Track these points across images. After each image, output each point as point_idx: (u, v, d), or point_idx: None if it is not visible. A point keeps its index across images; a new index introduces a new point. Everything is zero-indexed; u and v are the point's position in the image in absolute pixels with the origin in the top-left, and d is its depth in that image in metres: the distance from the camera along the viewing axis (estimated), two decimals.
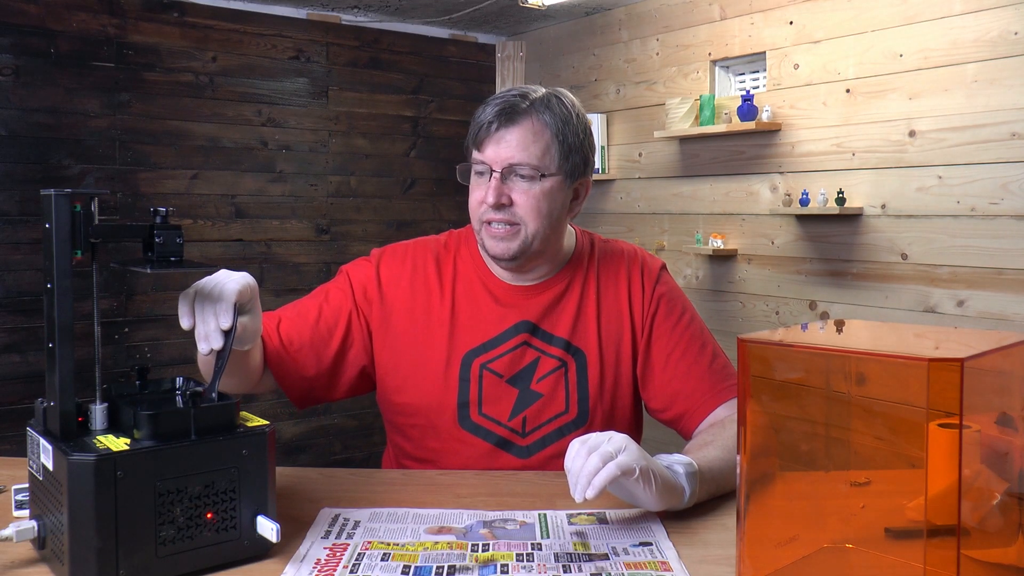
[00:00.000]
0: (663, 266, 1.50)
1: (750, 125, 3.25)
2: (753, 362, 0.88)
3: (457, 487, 1.27)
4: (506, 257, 1.35)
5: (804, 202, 3.12)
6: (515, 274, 1.42)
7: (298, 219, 4.03)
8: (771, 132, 3.29)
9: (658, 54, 3.81)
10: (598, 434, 1.09)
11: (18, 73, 3.34)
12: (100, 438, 0.93)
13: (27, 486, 1.06)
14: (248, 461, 0.97)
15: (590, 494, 1.02)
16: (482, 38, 4.57)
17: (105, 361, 3.33)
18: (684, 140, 3.65)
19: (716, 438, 1.26)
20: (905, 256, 2.90)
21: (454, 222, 4.18)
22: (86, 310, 3.00)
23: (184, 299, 1.06)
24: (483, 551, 1.01)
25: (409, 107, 4.34)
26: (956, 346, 0.92)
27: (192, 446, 0.94)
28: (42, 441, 0.94)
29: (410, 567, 0.97)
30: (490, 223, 1.34)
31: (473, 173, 1.37)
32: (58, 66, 3.42)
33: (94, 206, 0.93)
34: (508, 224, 1.34)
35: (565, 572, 0.96)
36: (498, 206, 1.32)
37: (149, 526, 0.90)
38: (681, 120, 3.51)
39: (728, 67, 3.60)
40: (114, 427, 0.98)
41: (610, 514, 1.15)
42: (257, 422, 1.02)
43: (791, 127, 3.24)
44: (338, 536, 1.06)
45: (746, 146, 3.41)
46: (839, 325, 1.12)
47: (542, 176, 1.33)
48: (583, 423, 1.39)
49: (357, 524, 1.10)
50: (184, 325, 1.05)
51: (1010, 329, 2.64)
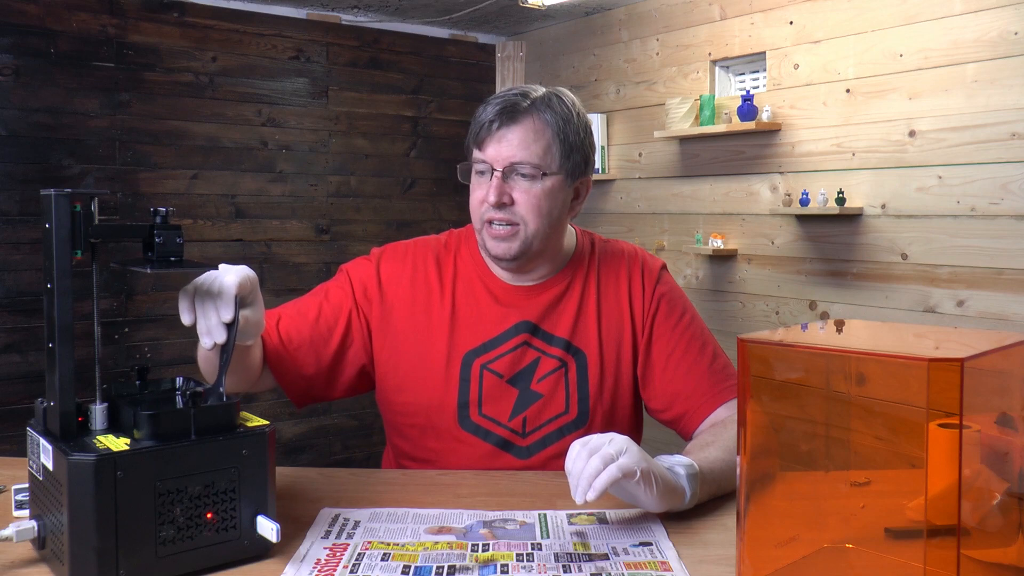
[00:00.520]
0: (663, 266, 1.50)
1: (750, 125, 3.25)
2: (753, 362, 0.88)
3: (457, 487, 1.27)
4: (507, 257, 1.35)
5: (804, 202, 3.12)
6: (515, 274, 1.42)
7: (298, 219, 4.03)
8: (771, 132, 3.29)
9: (658, 54, 3.80)
10: (599, 436, 1.09)
11: (18, 73, 3.34)
12: (100, 438, 0.93)
13: (27, 486, 1.06)
14: (248, 461, 0.97)
15: (591, 496, 1.02)
16: (482, 38, 4.57)
17: (105, 361, 3.33)
18: (684, 140, 3.65)
19: (717, 439, 1.26)
20: (905, 256, 2.90)
21: (454, 222, 4.18)
22: (86, 310, 2.99)
23: (184, 295, 1.05)
24: (483, 551, 1.01)
25: (409, 107, 4.34)
26: (956, 346, 0.92)
27: (192, 446, 0.94)
28: (42, 441, 0.94)
29: (410, 567, 0.97)
30: (491, 223, 1.34)
31: (474, 172, 1.37)
32: (58, 66, 3.42)
33: (94, 206, 0.93)
34: (508, 224, 1.33)
35: (565, 572, 0.96)
36: (499, 205, 1.32)
37: (149, 526, 0.90)
38: (681, 120, 3.51)
39: (728, 67, 3.60)
40: (114, 427, 0.98)
41: (610, 514, 1.15)
42: (257, 422, 1.02)
43: (791, 127, 3.24)
44: (338, 536, 1.06)
45: (746, 146, 3.41)
46: (839, 325, 1.12)
47: (543, 175, 1.33)
48: (583, 423, 1.39)
49: (357, 524, 1.10)
50: (185, 321, 1.05)
51: (1010, 329, 2.63)
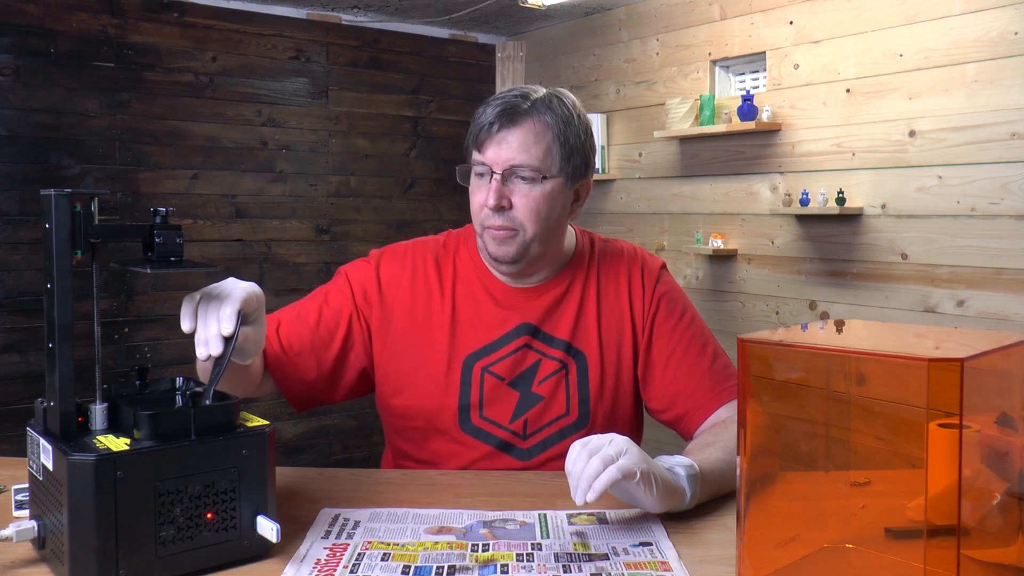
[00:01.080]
0: (663, 266, 1.49)
1: (750, 125, 3.25)
2: (753, 362, 0.88)
3: (457, 487, 1.27)
4: (505, 260, 1.35)
5: (804, 202, 3.12)
6: (515, 277, 1.42)
7: (298, 219, 4.03)
8: (771, 132, 3.29)
9: (658, 54, 3.80)
10: (599, 436, 1.09)
11: (18, 73, 3.34)
12: (100, 438, 0.93)
13: (27, 486, 1.06)
14: (248, 461, 0.97)
15: (591, 497, 1.02)
16: (482, 38, 4.57)
17: (105, 361, 3.33)
18: (684, 140, 3.65)
19: (717, 439, 1.26)
20: (905, 256, 2.90)
21: (454, 222, 4.17)
22: (86, 310, 2.99)
23: (188, 302, 1.02)
24: (483, 551, 1.01)
25: (409, 107, 4.34)
26: (956, 346, 0.92)
27: (192, 446, 0.94)
28: (42, 441, 0.94)
29: (410, 567, 0.97)
30: (491, 227, 1.34)
31: (473, 174, 1.36)
32: (58, 66, 3.42)
33: (94, 206, 0.93)
34: (507, 229, 1.33)
35: (565, 572, 0.96)
36: (498, 208, 1.31)
37: (149, 526, 0.90)
38: (681, 120, 3.51)
39: (728, 67, 3.60)
40: (114, 427, 0.98)
41: (610, 514, 1.15)
42: (257, 422, 1.01)
43: (791, 127, 3.24)
44: (338, 536, 1.06)
45: (746, 146, 3.41)
46: (839, 325, 1.12)
47: (543, 178, 1.32)
48: (584, 425, 1.39)
49: (357, 524, 1.10)
50: (185, 328, 1.02)
51: (1010, 329, 2.63)
